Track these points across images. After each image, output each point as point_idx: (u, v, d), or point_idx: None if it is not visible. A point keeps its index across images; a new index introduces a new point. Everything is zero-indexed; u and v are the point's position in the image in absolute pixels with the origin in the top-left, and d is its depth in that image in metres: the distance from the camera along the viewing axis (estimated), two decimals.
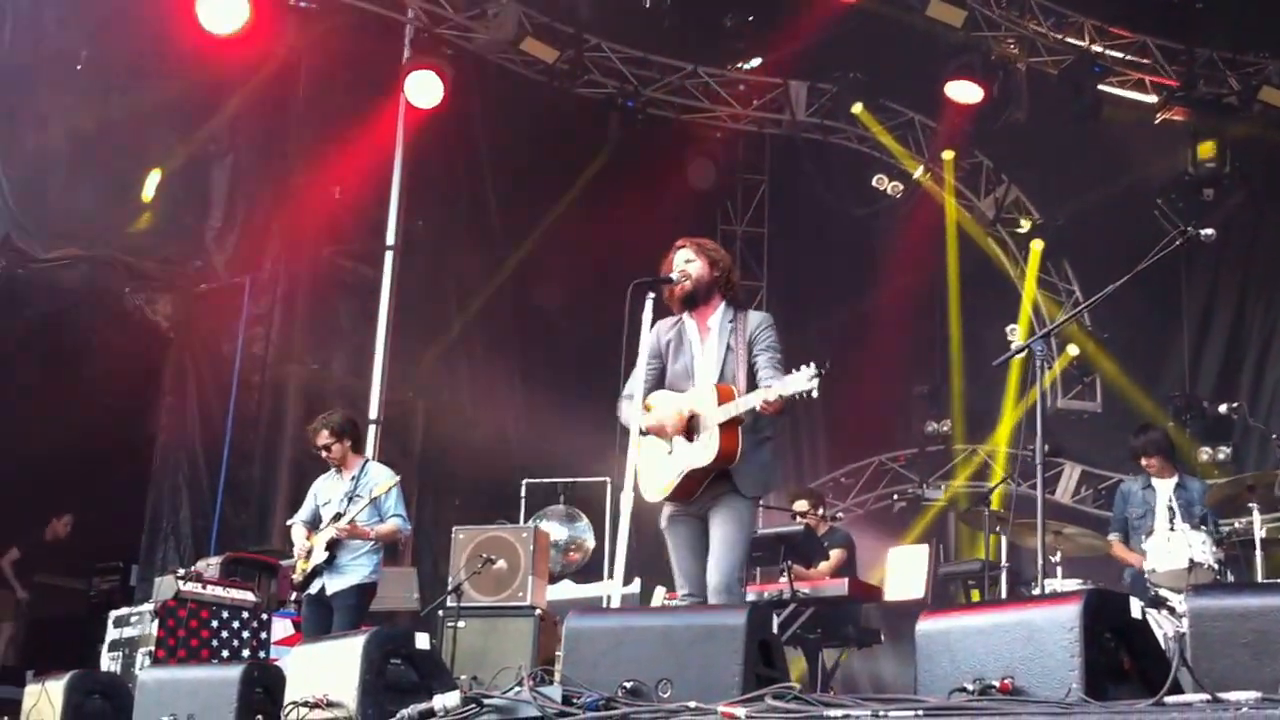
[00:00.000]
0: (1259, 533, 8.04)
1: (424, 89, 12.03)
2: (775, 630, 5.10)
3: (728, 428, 5.71)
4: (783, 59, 13.25)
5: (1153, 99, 12.60)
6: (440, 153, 12.41)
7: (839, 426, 13.90)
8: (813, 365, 5.39)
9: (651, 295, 5.96)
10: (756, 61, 13.40)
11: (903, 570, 10.21)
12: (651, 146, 13.33)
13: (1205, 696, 3.72)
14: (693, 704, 4.50)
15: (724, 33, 13.18)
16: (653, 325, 5.99)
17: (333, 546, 7.84)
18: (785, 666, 5.08)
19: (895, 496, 13.09)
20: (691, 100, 13.32)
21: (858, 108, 13.02)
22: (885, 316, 13.32)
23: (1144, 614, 4.32)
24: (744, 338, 5.88)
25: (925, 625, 4.69)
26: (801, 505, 9.65)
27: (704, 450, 5.73)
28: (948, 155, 13.18)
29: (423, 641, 5.61)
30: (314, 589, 7.92)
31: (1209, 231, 5.89)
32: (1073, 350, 12.87)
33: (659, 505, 6.08)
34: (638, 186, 13.33)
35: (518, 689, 4.82)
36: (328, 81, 12.03)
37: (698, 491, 5.84)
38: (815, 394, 5.36)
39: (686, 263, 6.05)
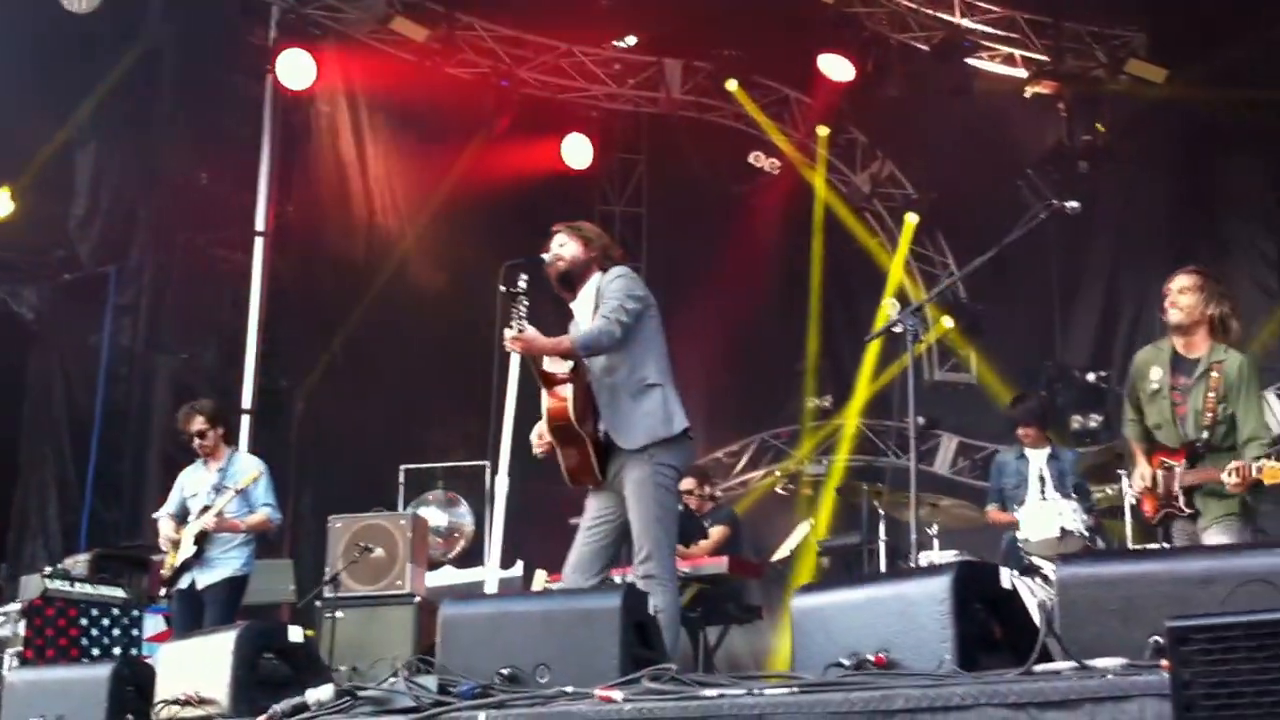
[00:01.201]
0: (1129, 499, 8.19)
1: (294, 70, 11.82)
2: (652, 611, 5.09)
3: (549, 386, 5.68)
4: (658, 37, 13.19)
5: (1023, 73, 12.77)
6: (311, 136, 12.20)
7: (721, 405, 13.91)
8: None
9: (525, 277, 5.91)
10: (632, 40, 13.32)
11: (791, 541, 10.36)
12: (527, 126, 13.22)
13: (1073, 664, 3.76)
14: (570, 688, 4.47)
15: (599, 11, 13.08)
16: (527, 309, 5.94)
17: (201, 540, 7.69)
18: (664, 647, 5.07)
19: (778, 473, 13.14)
20: (567, 79, 13.21)
21: (732, 85, 13.01)
22: (767, 293, 13.37)
23: (1014, 583, 4.36)
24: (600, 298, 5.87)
25: (801, 602, 4.71)
26: (688, 483, 9.66)
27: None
28: (822, 131, 13.23)
29: (296, 634, 5.54)
30: (184, 584, 7.77)
31: (1074, 204, 6.00)
32: (948, 322, 13.00)
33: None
34: (515, 167, 13.25)
35: (393, 679, 4.78)
36: (194, 65, 11.76)
37: (590, 463, 5.78)
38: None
39: (560, 246, 6.03)
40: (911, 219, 13.39)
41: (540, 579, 8.38)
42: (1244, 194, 11.85)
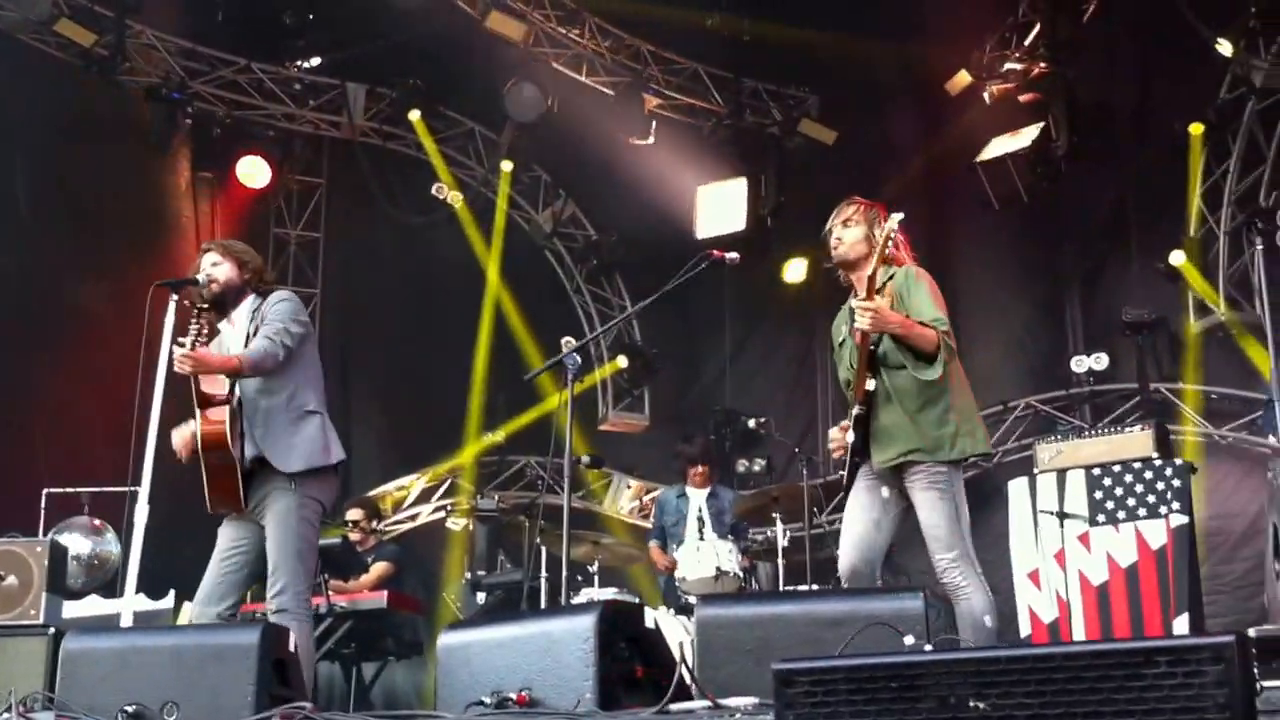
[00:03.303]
0: (781, 542, 8.51)
1: None
2: (293, 648, 4.95)
3: (205, 408, 5.52)
4: (343, 60, 12.92)
5: (703, 125, 13.13)
6: None
7: (394, 436, 13.71)
8: None
9: (175, 298, 5.70)
10: (316, 61, 12.98)
11: None
12: (200, 142, 12.75)
13: (706, 703, 3.83)
14: None
15: (283, 29, 12.74)
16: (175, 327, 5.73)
17: None
18: (303, 685, 4.94)
19: (449, 508, 13.00)
20: (244, 96, 12.78)
21: (415, 115, 12.87)
22: (439, 326, 13.24)
23: (657, 623, 4.42)
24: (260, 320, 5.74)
25: (447, 639, 4.68)
26: (355, 514, 9.50)
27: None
28: (506, 166, 13.23)
29: None
30: None
31: (733, 255, 6.14)
32: (622, 362, 13.19)
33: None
34: (185, 183, 12.76)
35: (5, 716, 4.52)
36: None
37: (236, 489, 5.60)
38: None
39: (213, 266, 5.87)
40: (591, 260, 13.54)
41: (188, 611, 8.04)
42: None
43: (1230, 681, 2.74)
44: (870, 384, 5.42)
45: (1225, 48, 10.69)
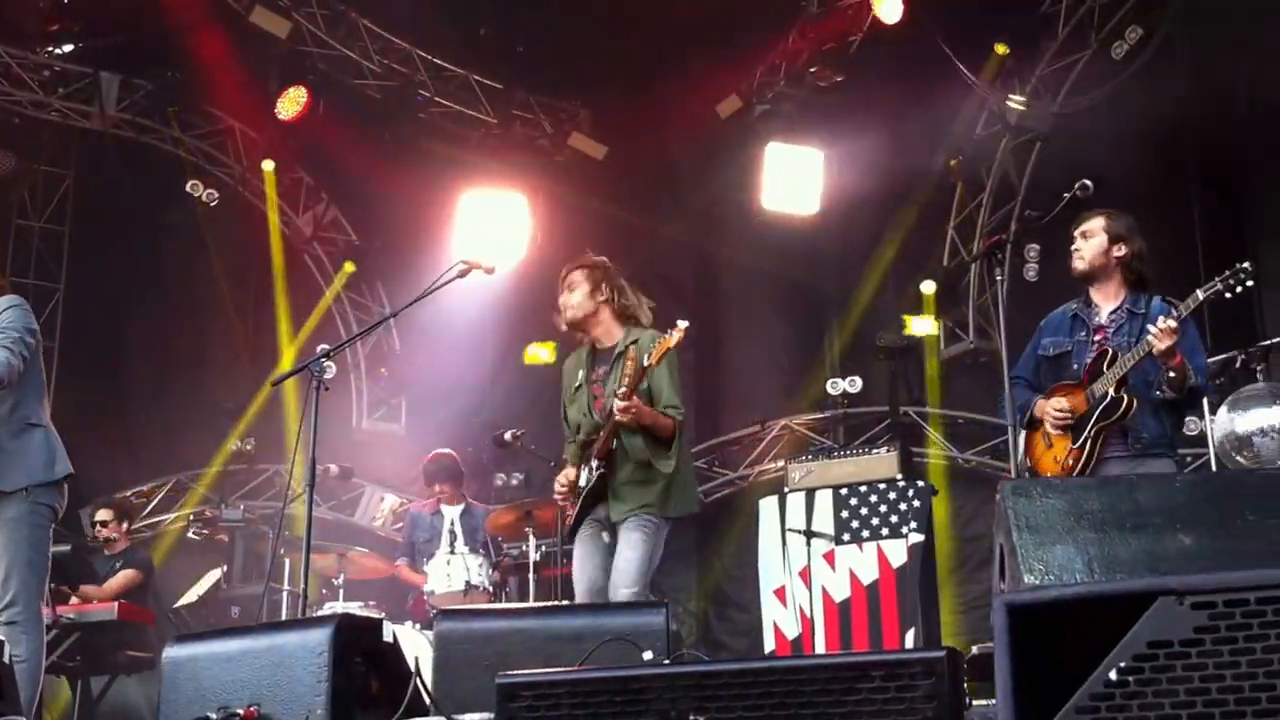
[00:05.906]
0: (534, 556, 8.46)
1: None
2: (7, 659, 4.68)
3: None
4: (97, 48, 12.32)
5: (471, 134, 12.98)
6: None
7: (139, 442, 13.19)
8: None
9: None
10: (69, 48, 12.35)
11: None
12: None
13: (441, 719, 3.74)
14: None
15: (32, 12, 12.11)
16: None
17: None
18: (17, 698, 4.68)
19: (192, 517, 12.52)
20: None
21: (171, 109, 12.37)
22: (188, 328, 12.80)
23: (395, 637, 4.31)
24: None
25: (172, 652, 4.49)
26: (105, 515, 9.15)
27: None
28: (268, 166, 12.82)
29: None
30: None
31: (490, 266, 6.17)
32: (382, 371, 12.94)
33: None
34: None
35: None
36: None
37: None
38: None
39: None
40: (349, 266, 13.24)
41: None
42: (670, 277, 12.50)
43: (939, 695, 2.82)
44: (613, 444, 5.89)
45: (1016, 103, 11.09)
